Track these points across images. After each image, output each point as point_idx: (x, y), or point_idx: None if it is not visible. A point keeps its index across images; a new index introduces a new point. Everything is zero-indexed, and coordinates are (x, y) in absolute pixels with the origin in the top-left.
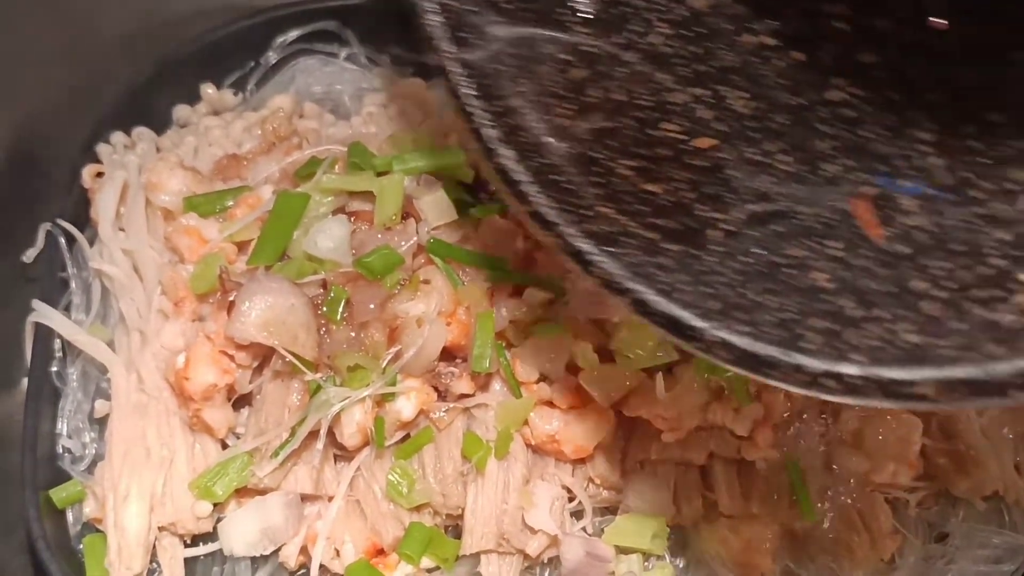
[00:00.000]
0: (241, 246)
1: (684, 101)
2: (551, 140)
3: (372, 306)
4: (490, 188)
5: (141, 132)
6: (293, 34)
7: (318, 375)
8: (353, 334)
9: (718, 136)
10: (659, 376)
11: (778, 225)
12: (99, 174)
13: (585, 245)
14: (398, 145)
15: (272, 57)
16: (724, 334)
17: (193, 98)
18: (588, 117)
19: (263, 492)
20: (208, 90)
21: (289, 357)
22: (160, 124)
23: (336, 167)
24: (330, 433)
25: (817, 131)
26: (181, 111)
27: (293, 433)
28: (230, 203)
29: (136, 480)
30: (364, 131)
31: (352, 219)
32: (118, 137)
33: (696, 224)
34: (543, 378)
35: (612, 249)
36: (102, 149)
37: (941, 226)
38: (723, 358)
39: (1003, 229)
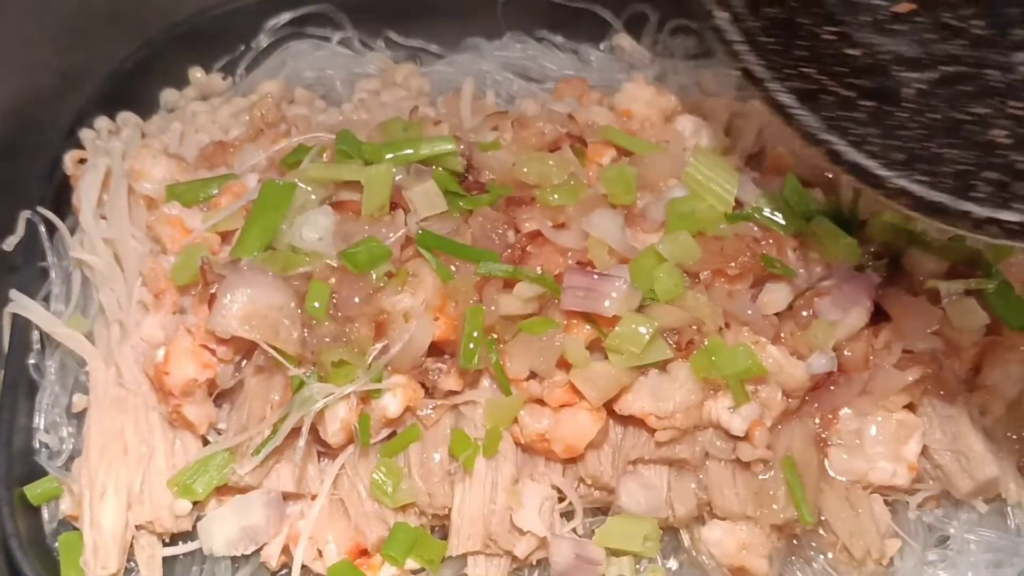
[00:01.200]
0: (225, 236)
1: None
2: (761, 4)
3: (358, 299)
4: (481, 179)
5: (126, 117)
6: (285, 17)
7: (301, 370)
8: (338, 328)
9: (917, 1)
10: (653, 374)
11: (966, 85)
12: (82, 160)
13: (787, 99)
14: (388, 133)
15: (263, 41)
16: (904, 183)
17: (181, 82)
18: None
19: (244, 490)
20: (196, 74)
21: (271, 352)
22: (147, 109)
23: (324, 155)
24: (313, 430)
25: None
26: (168, 95)
27: (275, 430)
28: (214, 192)
29: (113, 477)
30: (355, 118)
31: (339, 209)
32: (102, 122)
33: (891, 83)
34: (533, 375)
35: (811, 103)
36: (85, 134)
37: None
38: (903, 204)
39: None
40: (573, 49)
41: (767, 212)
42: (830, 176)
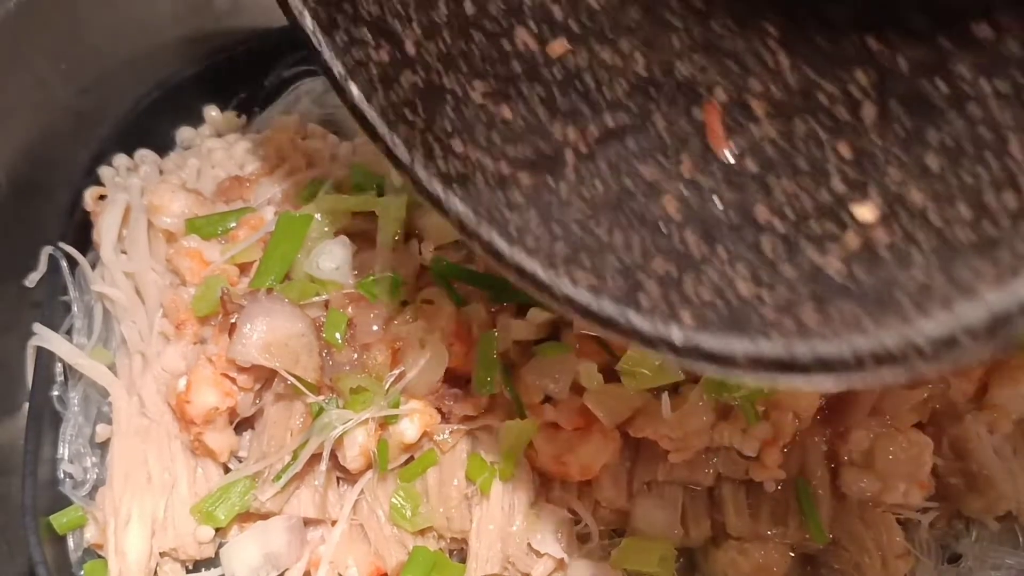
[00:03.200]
0: (243, 268)
1: (537, 1)
2: (398, 71)
3: (375, 327)
4: None
5: (144, 155)
6: (297, 55)
7: (320, 397)
8: (355, 356)
9: (572, 39)
10: (665, 396)
11: (633, 140)
12: (101, 196)
13: (438, 188)
14: None
15: (276, 79)
16: (569, 290)
17: (197, 120)
18: (437, 37)
19: (265, 516)
20: (212, 112)
21: (291, 379)
22: (164, 146)
23: (339, 188)
24: (333, 456)
25: (669, 25)
26: (185, 133)
27: (295, 456)
28: (232, 225)
29: (137, 505)
30: (368, 150)
31: (354, 240)
32: (121, 160)
33: (550, 148)
34: (547, 399)
35: (464, 189)
36: (105, 171)
37: (790, 138)
38: (572, 314)
39: (844, 142)
40: None
41: None
42: None
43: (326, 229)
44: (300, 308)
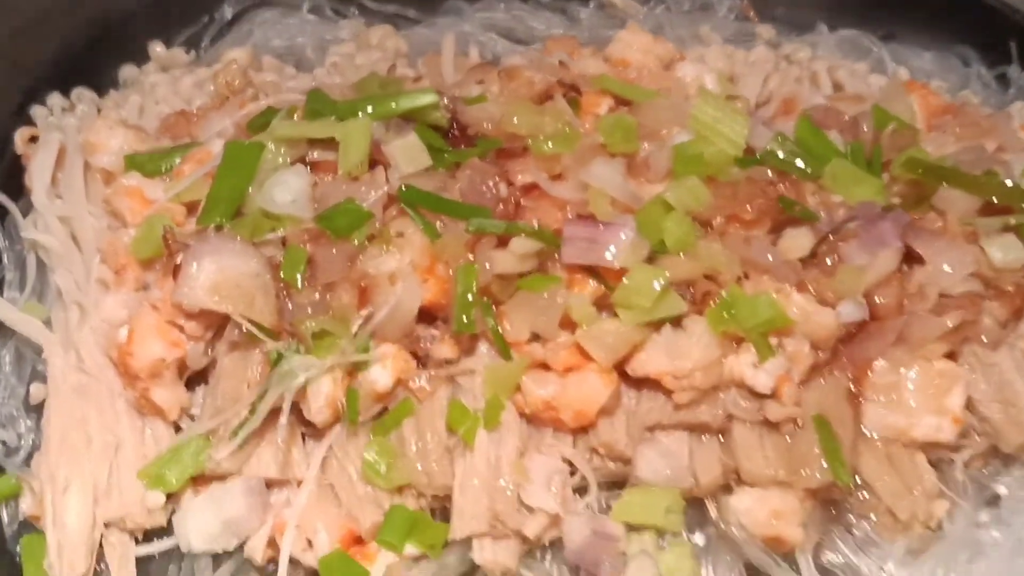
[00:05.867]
0: (190, 207)
1: None
2: None
3: (338, 265)
4: (469, 133)
5: (81, 93)
6: None
7: (279, 344)
8: (318, 297)
9: None
10: (666, 330)
11: None
12: (33, 138)
13: None
14: (365, 90)
15: (228, 11)
16: None
17: (142, 58)
18: None
19: (222, 478)
20: (157, 48)
21: (246, 325)
22: (105, 86)
23: (295, 116)
24: (296, 409)
25: None
26: (127, 71)
27: (253, 410)
28: (177, 160)
29: (77, 470)
30: (328, 81)
31: (314, 171)
32: (55, 99)
33: None
34: (535, 337)
35: None
36: (37, 111)
37: None
38: None
39: None
40: (561, 8)
41: (781, 155)
42: (847, 117)
43: (281, 159)
44: (253, 246)
